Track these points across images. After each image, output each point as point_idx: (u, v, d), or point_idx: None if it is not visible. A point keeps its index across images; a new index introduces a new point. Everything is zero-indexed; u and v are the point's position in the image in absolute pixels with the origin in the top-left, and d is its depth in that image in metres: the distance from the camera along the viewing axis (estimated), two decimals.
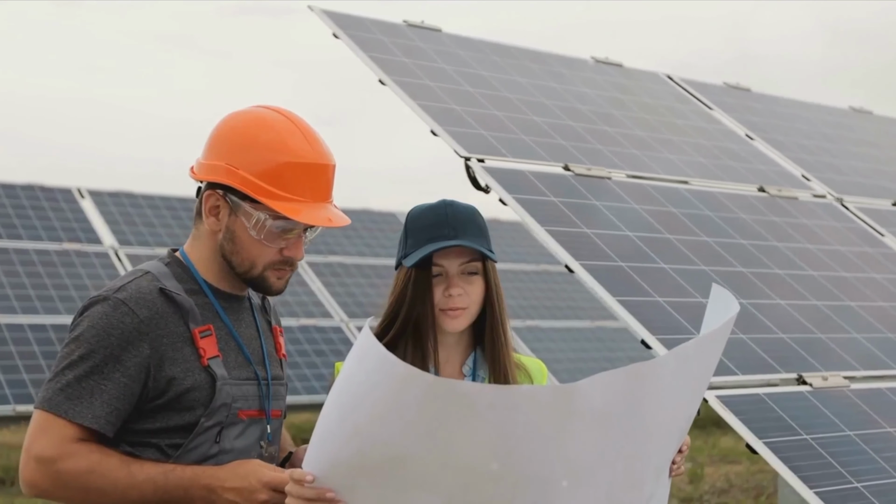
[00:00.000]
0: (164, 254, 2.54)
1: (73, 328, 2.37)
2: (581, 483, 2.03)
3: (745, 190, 5.11)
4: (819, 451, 3.40)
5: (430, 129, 4.40)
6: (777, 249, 4.62)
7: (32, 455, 2.30)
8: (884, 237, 5.21)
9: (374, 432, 1.97)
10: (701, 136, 5.53)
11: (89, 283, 10.85)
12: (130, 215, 12.05)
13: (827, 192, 5.47)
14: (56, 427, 2.29)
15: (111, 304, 2.35)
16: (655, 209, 4.52)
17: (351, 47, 4.73)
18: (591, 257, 3.90)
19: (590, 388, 1.92)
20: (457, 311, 2.59)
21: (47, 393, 2.31)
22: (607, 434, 2.01)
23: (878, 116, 7.29)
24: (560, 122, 4.95)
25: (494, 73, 5.20)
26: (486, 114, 4.70)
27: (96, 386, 2.30)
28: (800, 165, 5.69)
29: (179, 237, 12.04)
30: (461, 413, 1.90)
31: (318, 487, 2.08)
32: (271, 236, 2.41)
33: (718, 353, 2.21)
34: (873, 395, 3.84)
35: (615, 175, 4.66)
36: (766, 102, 6.52)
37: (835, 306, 4.34)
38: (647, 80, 6.05)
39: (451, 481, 1.99)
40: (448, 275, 2.59)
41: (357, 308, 11.94)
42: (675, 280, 4.01)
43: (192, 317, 2.39)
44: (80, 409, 2.29)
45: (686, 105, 5.90)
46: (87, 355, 2.31)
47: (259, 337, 2.53)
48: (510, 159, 4.40)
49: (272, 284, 2.45)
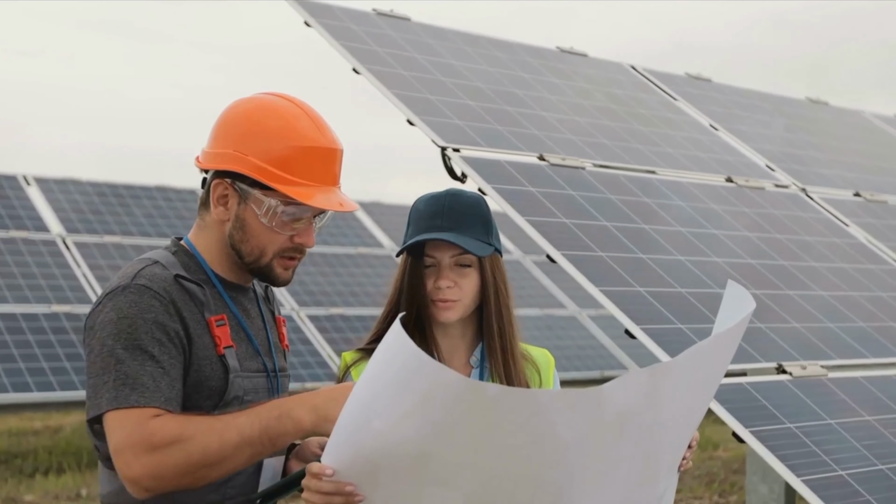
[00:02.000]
0: (169, 242, 2.50)
1: (99, 325, 2.30)
2: (598, 482, 2.04)
3: (713, 180, 5.15)
4: (803, 440, 3.43)
5: (406, 118, 4.38)
6: (749, 240, 4.66)
7: (123, 452, 2.22)
8: (848, 227, 5.27)
9: (400, 429, 1.95)
10: (668, 127, 5.56)
11: (37, 271, 10.70)
12: (77, 202, 11.89)
13: (791, 182, 5.53)
14: (131, 417, 2.22)
15: (134, 291, 2.30)
16: (629, 199, 4.54)
17: (323, 35, 4.70)
18: (571, 247, 3.91)
19: (614, 390, 1.92)
20: (447, 303, 2.58)
21: (109, 392, 2.24)
22: (627, 434, 2.01)
23: (834, 107, 7.38)
24: (532, 112, 4.95)
25: (464, 62, 5.19)
26: (459, 103, 4.69)
27: (154, 370, 2.24)
28: (763, 156, 5.74)
29: (127, 224, 11.92)
30: (488, 415, 1.89)
31: (337, 481, 2.05)
32: (282, 223, 2.38)
33: (733, 351, 2.22)
34: (850, 383, 3.89)
35: (588, 165, 4.67)
36: (726, 93, 6.57)
37: (808, 296, 4.39)
38: (611, 70, 6.07)
39: (471, 479, 1.98)
40: (440, 266, 2.58)
41: (308, 297, 11.89)
42: (654, 270, 4.03)
43: (207, 305, 2.35)
44: (148, 396, 2.22)
45: (651, 95, 5.93)
46: (132, 345, 2.25)
47: (265, 328, 2.50)
48: (486, 149, 4.39)
49: (279, 275, 2.42)
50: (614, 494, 2.07)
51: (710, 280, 4.14)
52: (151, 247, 11.70)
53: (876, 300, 4.61)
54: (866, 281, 4.76)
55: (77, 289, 10.72)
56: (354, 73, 4.58)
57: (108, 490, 2.37)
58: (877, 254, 5.08)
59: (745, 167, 5.47)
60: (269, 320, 2.54)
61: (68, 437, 11.68)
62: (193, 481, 2.22)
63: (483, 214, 2.63)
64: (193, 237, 2.47)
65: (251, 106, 2.43)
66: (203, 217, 2.46)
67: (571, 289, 13.77)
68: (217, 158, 2.39)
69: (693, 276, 4.13)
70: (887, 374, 4.06)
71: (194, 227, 2.48)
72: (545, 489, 1.99)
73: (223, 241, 2.42)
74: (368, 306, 12.06)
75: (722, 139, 5.73)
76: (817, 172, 5.86)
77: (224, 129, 2.42)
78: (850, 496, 3.30)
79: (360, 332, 11.59)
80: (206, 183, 2.44)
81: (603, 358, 12.54)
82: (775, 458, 3.28)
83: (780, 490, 4.97)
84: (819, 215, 5.27)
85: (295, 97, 2.46)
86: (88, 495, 8.41)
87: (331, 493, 2.05)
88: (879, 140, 7.08)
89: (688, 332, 3.72)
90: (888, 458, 3.54)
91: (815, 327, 4.15)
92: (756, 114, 6.45)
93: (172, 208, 12.51)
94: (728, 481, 8.90)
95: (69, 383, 9.64)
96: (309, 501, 2.10)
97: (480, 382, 1.86)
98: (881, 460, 3.52)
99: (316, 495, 2.07)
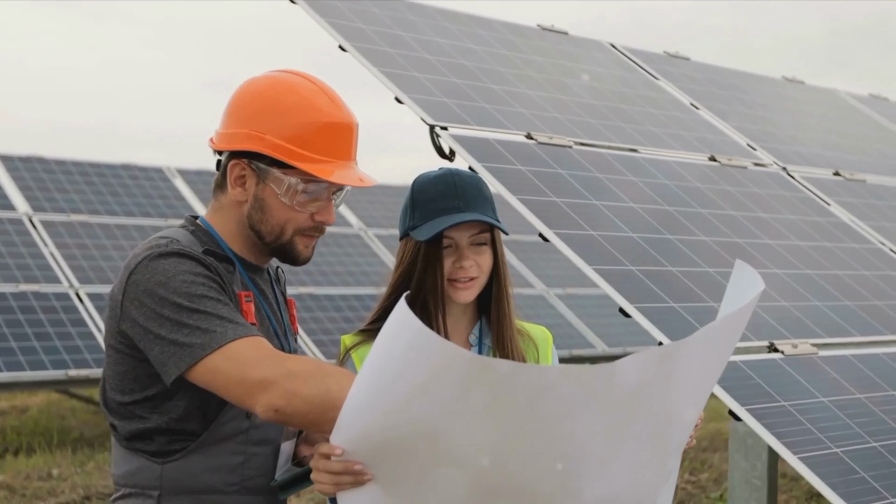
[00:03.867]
0: (183, 221, 2.47)
1: (154, 285, 2.21)
2: (607, 461, 2.04)
3: (696, 159, 5.15)
4: (798, 418, 3.45)
5: (394, 96, 4.36)
6: (734, 218, 4.67)
7: (253, 379, 2.12)
8: (830, 206, 5.30)
9: (409, 409, 1.95)
10: (650, 105, 5.56)
11: (4, 250, 10.60)
12: (43, 181, 11.76)
13: (772, 161, 5.55)
14: (259, 344, 2.16)
15: (173, 253, 2.25)
16: (616, 178, 4.54)
17: (309, 13, 4.65)
18: (563, 226, 3.91)
19: (627, 367, 1.92)
20: (468, 283, 2.59)
21: (196, 339, 2.16)
22: (637, 413, 2.01)
23: (809, 86, 7.41)
24: (517, 91, 4.93)
25: (448, 39, 5.16)
26: (445, 81, 4.67)
27: (230, 310, 2.20)
28: (744, 135, 5.75)
29: (94, 203, 11.81)
30: (498, 392, 1.88)
31: (345, 460, 2.04)
32: (302, 201, 2.35)
33: (741, 331, 2.23)
34: (840, 362, 3.91)
35: (574, 144, 4.67)
36: (705, 72, 6.58)
37: (794, 275, 4.40)
38: (591, 48, 6.06)
39: (480, 458, 1.97)
40: (458, 247, 2.59)
41: None
42: (644, 249, 4.03)
43: (235, 279, 2.33)
44: (244, 329, 2.19)
45: (632, 74, 5.93)
46: (197, 295, 2.19)
47: (280, 310, 2.48)
48: (475, 127, 4.37)
49: (300, 252, 2.39)
50: (622, 473, 2.07)
51: (699, 259, 4.15)
52: (119, 226, 11.67)
53: (861, 279, 4.63)
54: (850, 260, 4.78)
55: (45, 267, 10.61)
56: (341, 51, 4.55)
57: (123, 470, 2.35)
58: (860, 233, 5.11)
59: (726, 146, 5.48)
60: (281, 302, 2.52)
61: (36, 417, 11.59)
62: (316, 419, 2.13)
63: (487, 191, 2.66)
64: (210, 218, 2.43)
65: (265, 84, 2.39)
66: (219, 198, 2.42)
67: (539, 268, 13.80)
68: (233, 139, 2.36)
69: (682, 255, 4.13)
70: (875, 353, 4.09)
71: (210, 208, 2.44)
72: (553, 467, 1.99)
73: (241, 221, 2.39)
74: (337, 286, 12.03)
75: (703, 118, 5.74)
76: (797, 151, 5.88)
77: (238, 108, 2.38)
78: (845, 473, 3.32)
79: (329, 311, 11.56)
80: (222, 164, 2.41)
81: (571, 337, 12.58)
82: (772, 435, 3.29)
83: (763, 467, 5.00)
84: (801, 194, 5.29)
85: (308, 73, 2.43)
86: (60, 475, 8.35)
87: (339, 473, 2.05)
88: (855, 119, 7.12)
89: (680, 310, 3.72)
90: (881, 436, 3.57)
91: (804, 306, 4.17)
92: (734, 92, 6.46)
93: (139, 186, 12.40)
94: (698, 459, 8.96)
95: (38, 363, 9.55)
96: (318, 481, 2.10)
97: (491, 359, 1.86)
98: (874, 437, 3.55)
99: (325, 475, 2.07)
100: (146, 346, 2.23)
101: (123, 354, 2.29)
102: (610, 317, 13.22)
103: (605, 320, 13.07)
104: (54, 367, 9.55)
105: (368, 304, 12.06)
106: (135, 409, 2.31)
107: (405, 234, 2.63)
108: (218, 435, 2.31)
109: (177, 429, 2.29)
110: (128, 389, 2.31)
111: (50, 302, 10.21)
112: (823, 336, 4.02)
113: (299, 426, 2.19)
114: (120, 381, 2.32)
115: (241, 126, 2.35)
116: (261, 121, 2.34)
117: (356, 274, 12.39)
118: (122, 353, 2.30)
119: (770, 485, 4.94)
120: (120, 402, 2.32)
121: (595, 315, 13.08)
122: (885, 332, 4.29)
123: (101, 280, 10.72)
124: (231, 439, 2.33)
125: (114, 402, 2.34)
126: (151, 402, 2.29)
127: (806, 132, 6.34)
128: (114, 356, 2.31)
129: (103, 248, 11.14)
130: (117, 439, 2.36)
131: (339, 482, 2.05)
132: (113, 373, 2.32)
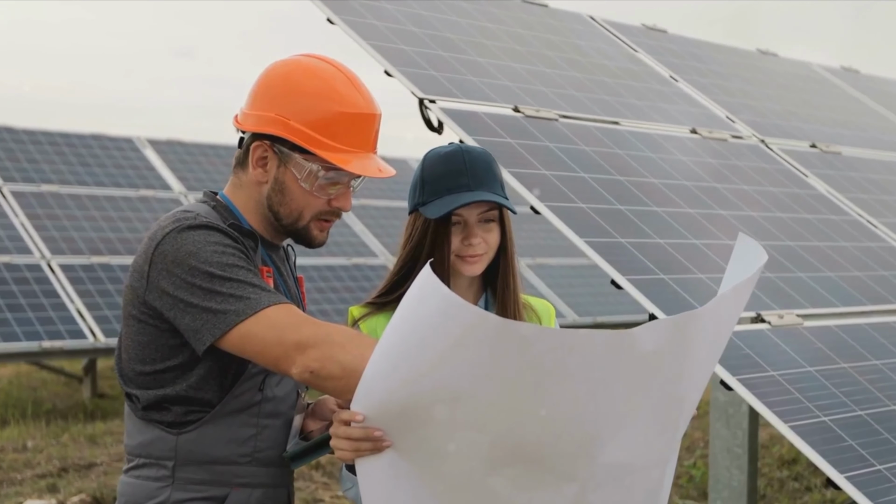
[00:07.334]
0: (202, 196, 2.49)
1: (173, 260, 2.25)
2: (624, 426, 2.09)
3: (678, 131, 5.21)
4: (786, 387, 3.52)
5: (384, 69, 4.38)
6: (717, 190, 4.73)
7: (291, 341, 2.17)
8: (808, 178, 5.37)
9: (433, 374, 1.98)
10: (631, 78, 5.60)
11: None
12: (13, 151, 11.68)
13: (752, 133, 5.61)
14: (291, 311, 2.21)
15: (202, 226, 2.29)
16: (602, 150, 4.58)
17: None
18: (555, 199, 3.95)
19: (644, 334, 1.97)
20: (475, 258, 2.63)
21: (230, 307, 2.20)
22: (652, 380, 2.07)
23: (784, 59, 7.48)
24: (503, 64, 4.96)
25: (432, 12, 5.18)
26: (432, 54, 4.69)
27: (261, 279, 2.26)
28: (723, 107, 5.81)
29: (64, 173, 11.74)
30: (520, 355, 1.93)
31: (366, 427, 2.07)
32: (321, 187, 2.39)
33: (744, 302, 2.28)
34: (824, 332, 3.99)
35: (559, 117, 4.71)
36: (682, 44, 6.63)
37: (778, 246, 4.47)
38: (571, 20, 6.09)
39: (500, 422, 2.02)
40: (467, 224, 2.62)
41: None
42: (632, 221, 4.08)
43: (256, 255, 2.37)
44: (276, 296, 2.23)
45: (612, 46, 5.97)
46: (228, 264, 2.24)
47: (294, 287, 2.52)
48: (463, 100, 4.40)
49: (315, 236, 2.44)
50: (637, 438, 2.12)
51: (686, 231, 4.21)
52: (91, 196, 11.62)
53: (841, 250, 4.71)
54: (830, 231, 4.86)
55: (16, 238, 10.57)
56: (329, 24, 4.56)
57: (137, 441, 2.38)
58: (838, 205, 5.19)
59: (706, 118, 5.54)
60: (293, 279, 2.56)
61: (6, 388, 11.56)
62: (347, 385, 2.14)
63: (496, 168, 2.68)
64: (230, 194, 2.46)
65: (292, 68, 2.42)
66: (239, 176, 2.45)
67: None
68: (259, 121, 2.39)
69: (669, 227, 4.19)
70: (858, 322, 4.17)
71: (229, 185, 2.47)
72: (572, 432, 2.04)
73: (260, 201, 2.42)
74: (311, 256, 12.04)
75: (683, 90, 5.80)
76: (774, 124, 5.95)
77: (265, 90, 2.41)
78: (833, 441, 3.40)
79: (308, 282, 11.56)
80: (244, 143, 2.43)
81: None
82: (763, 405, 3.36)
83: (744, 436, 5.09)
84: (780, 166, 5.36)
85: (334, 60, 2.46)
86: (35, 447, 8.34)
87: (359, 439, 2.07)
88: (829, 91, 7.20)
89: (670, 282, 3.78)
90: (867, 404, 3.65)
91: (788, 277, 4.24)
92: (711, 65, 6.52)
93: (109, 157, 12.34)
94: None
95: (11, 334, 9.52)
96: (337, 448, 2.12)
97: (519, 322, 1.89)
98: (860, 406, 3.63)
99: (344, 441, 2.09)
100: (176, 316, 2.26)
101: (146, 325, 2.32)
102: (579, 286, 13.31)
103: (575, 290, 13.16)
104: (27, 338, 9.52)
105: (341, 275, 12.08)
106: (155, 378, 2.34)
107: (414, 209, 2.67)
108: (231, 407, 2.35)
109: (194, 397, 2.33)
110: (149, 359, 2.34)
111: (22, 273, 10.17)
112: (807, 307, 4.10)
113: (331, 391, 2.22)
114: (141, 351, 2.35)
115: (268, 108, 2.38)
116: (286, 105, 2.37)
117: (328, 244, 12.41)
118: (146, 322, 2.32)
119: (751, 453, 5.03)
120: (140, 372, 2.35)
121: (565, 285, 13.16)
122: (866, 303, 4.37)
123: (72, 251, 10.69)
124: (244, 412, 2.37)
125: (133, 371, 2.37)
126: (173, 372, 2.33)
127: (783, 104, 6.42)
128: (135, 326, 2.34)
129: (74, 218, 11.09)
130: (133, 409, 2.39)
131: (359, 448, 2.07)
132: (133, 342, 2.35)
